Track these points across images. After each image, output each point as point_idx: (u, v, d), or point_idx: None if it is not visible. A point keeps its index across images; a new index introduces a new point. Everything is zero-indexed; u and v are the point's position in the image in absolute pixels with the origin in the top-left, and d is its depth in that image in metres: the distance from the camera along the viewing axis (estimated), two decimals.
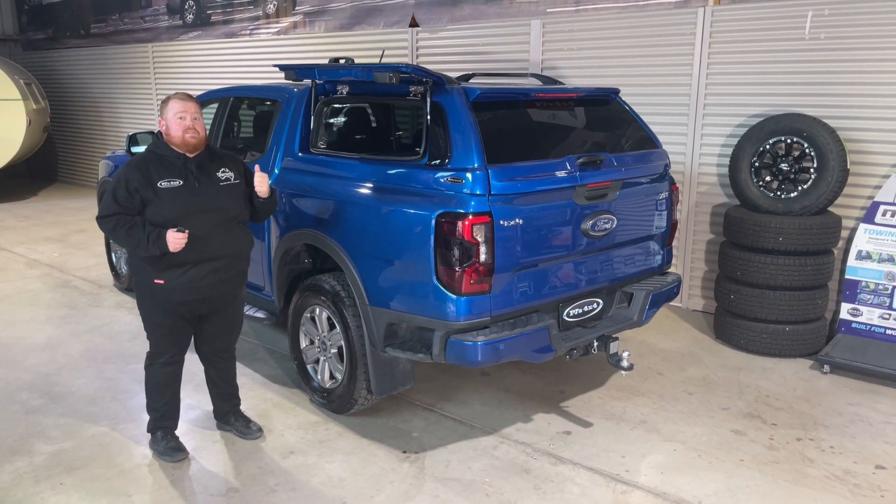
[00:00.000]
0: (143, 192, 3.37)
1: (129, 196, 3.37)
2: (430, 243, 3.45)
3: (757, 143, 5.20)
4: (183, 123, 3.43)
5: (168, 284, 3.48)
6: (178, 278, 3.47)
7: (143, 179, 3.38)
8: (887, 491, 3.50)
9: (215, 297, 3.65)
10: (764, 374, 4.83)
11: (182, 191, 3.43)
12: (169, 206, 3.40)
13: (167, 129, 3.46)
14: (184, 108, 3.45)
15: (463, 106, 3.59)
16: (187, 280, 3.49)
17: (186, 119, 3.44)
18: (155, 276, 3.47)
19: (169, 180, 3.42)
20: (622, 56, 6.22)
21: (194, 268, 3.49)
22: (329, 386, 4.22)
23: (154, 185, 3.39)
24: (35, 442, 3.91)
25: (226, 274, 3.62)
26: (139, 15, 11.27)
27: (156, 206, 3.40)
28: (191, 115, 3.45)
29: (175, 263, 3.45)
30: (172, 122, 3.44)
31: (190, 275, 3.48)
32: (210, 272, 3.53)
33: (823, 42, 5.25)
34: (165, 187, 3.41)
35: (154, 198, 3.39)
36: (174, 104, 3.47)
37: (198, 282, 3.51)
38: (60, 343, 5.35)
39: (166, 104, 3.48)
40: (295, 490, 3.48)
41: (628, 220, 4.10)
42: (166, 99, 3.51)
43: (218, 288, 3.61)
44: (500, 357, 3.58)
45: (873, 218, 5.04)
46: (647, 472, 3.65)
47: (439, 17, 7.49)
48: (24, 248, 8.32)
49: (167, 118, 3.46)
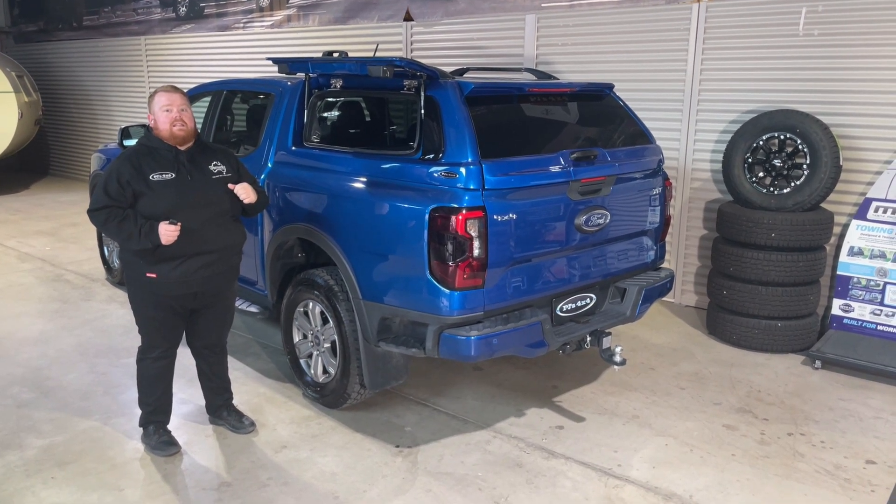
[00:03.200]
0: (135, 185, 3.36)
1: (120, 189, 3.35)
2: (423, 238, 3.45)
3: (750, 139, 5.21)
4: (170, 116, 3.41)
5: (160, 278, 3.46)
6: (170, 272, 3.46)
7: (135, 172, 3.37)
8: (878, 486, 3.52)
9: (207, 292, 3.63)
10: (756, 370, 4.85)
11: (174, 184, 3.42)
12: (161, 199, 3.38)
13: (155, 123, 3.46)
14: (169, 100, 3.44)
15: (457, 100, 3.59)
16: (180, 274, 3.47)
17: (173, 111, 3.42)
18: (147, 270, 3.46)
19: (161, 173, 3.40)
20: (617, 51, 6.22)
21: (187, 261, 3.47)
22: (322, 380, 4.22)
23: (146, 178, 3.37)
24: (26, 436, 3.90)
25: (218, 268, 3.60)
26: (132, 7, 11.19)
27: (148, 199, 3.38)
28: (177, 107, 3.43)
29: (168, 257, 3.43)
30: (159, 115, 3.43)
31: (182, 268, 3.47)
32: (202, 266, 3.52)
33: (817, 38, 5.26)
34: (157, 180, 3.39)
35: (146, 191, 3.37)
36: (160, 97, 3.46)
37: (190, 275, 3.50)
38: (52, 337, 5.32)
39: (153, 98, 3.47)
40: (287, 484, 3.48)
41: (622, 215, 4.10)
42: (153, 93, 3.51)
43: (210, 282, 3.60)
44: (494, 352, 3.58)
45: (865, 214, 5.07)
46: (639, 466, 3.66)
47: (434, 11, 7.47)
48: (15, 241, 8.27)
49: (154, 112, 3.45)
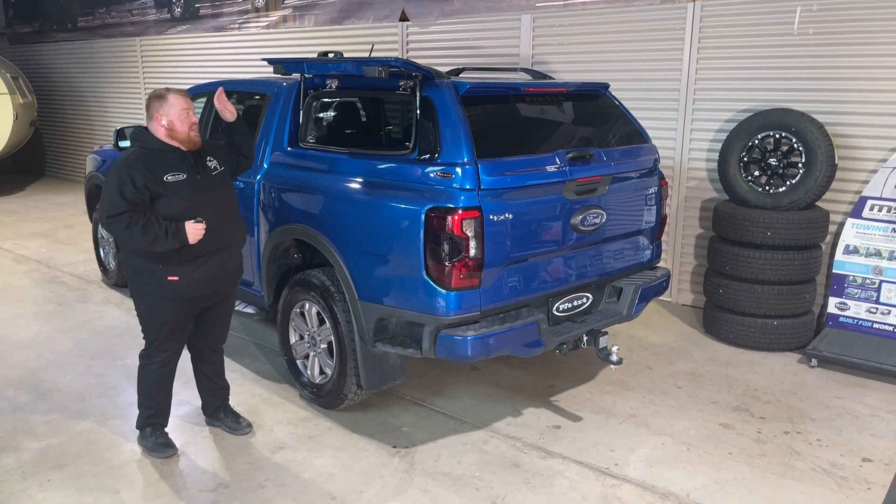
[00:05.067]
0: (152, 187, 3.33)
1: (137, 193, 3.30)
2: (419, 238, 3.45)
3: (746, 139, 5.22)
4: (189, 120, 3.42)
5: (183, 280, 3.46)
6: (193, 272, 3.47)
7: (150, 175, 3.33)
8: (874, 483, 3.53)
9: (223, 288, 3.69)
10: (752, 368, 4.86)
11: (188, 183, 3.43)
12: (179, 199, 3.39)
13: (171, 125, 3.39)
14: (186, 104, 3.45)
15: (452, 100, 3.59)
16: (203, 273, 3.49)
17: (191, 115, 3.44)
18: (168, 274, 3.43)
19: (174, 174, 3.40)
20: (612, 51, 6.23)
21: (209, 260, 3.50)
22: (319, 381, 4.21)
23: (161, 180, 3.36)
24: (22, 438, 3.88)
25: (233, 264, 3.68)
26: (127, 8, 11.17)
27: (167, 200, 3.37)
28: (192, 111, 3.47)
29: (189, 258, 3.44)
30: (178, 117, 3.39)
31: (205, 268, 3.50)
32: (222, 263, 3.58)
33: (812, 37, 5.27)
34: (172, 181, 3.38)
35: (164, 192, 3.36)
36: (178, 100, 3.41)
37: (213, 274, 3.54)
38: (48, 339, 5.31)
39: (165, 100, 3.41)
40: (285, 485, 3.48)
41: (618, 214, 4.10)
42: (160, 94, 3.44)
43: (228, 279, 3.68)
44: (490, 352, 3.58)
45: (861, 213, 5.08)
46: (636, 465, 3.67)
47: (429, 11, 7.47)
48: (11, 243, 8.25)
49: (171, 115, 3.39)
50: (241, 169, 3.86)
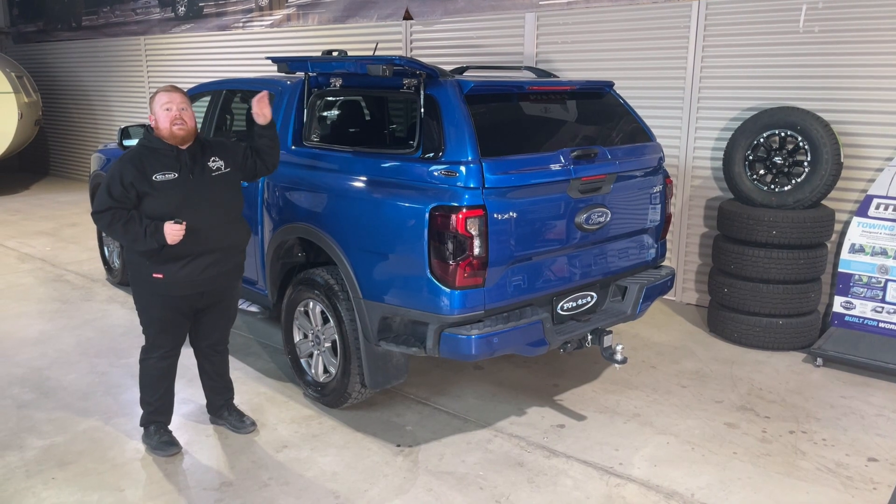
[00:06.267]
0: (138, 186, 3.35)
1: (124, 191, 3.34)
2: (423, 237, 3.44)
3: (751, 137, 5.20)
4: (170, 115, 3.40)
5: (167, 278, 3.46)
6: (177, 272, 3.46)
7: (138, 173, 3.36)
8: (879, 483, 3.51)
9: (213, 291, 3.64)
10: (757, 368, 4.84)
11: (177, 183, 3.42)
12: (165, 199, 3.39)
13: (156, 123, 3.45)
14: (169, 99, 3.43)
15: (456, 99, 3.58)
16: (187, 273, 3.48)
17: (173, 110, 3.41)
18: (154, 271, 3.45)
19: (163, 173, 3.40)
20: (616, 49, 6.21)
21: (193, 261, 3.48)
22: (323, 380, 4.21)
23: (149, 179, 3.37)
24: (26, 436, 3.89)
25: (224, 267, 3.61)
26: (131, 7, 11.18)
27: (153, 199, 3.38)
28: (177, 106, 3.42)
29: (174, 257, 3.43)
30: (160, 114, 3.42)
31: (189, 268, 3.47)
32: (209, 265, 3.53)
33: (817, 35, 5.25)
34: (161, 180, 3.39)
35: (150, 191, 3.37)
36: (160, 96, 3.46)
37: (197, 275, 3.50)
38: (52, 337, 5.32)
39: (154, 98, 3.48)
40: (288, 484, 3.48)
41: (622, 213, 4.09)
42: (154, 93, 3.51)
43: (216, 281, 3.61)
44: (494, 351, 3.57)
45: (866, 211, 5.06)
46: (641, 464, 3.66)
47: (433, 9, 7.46)
48: (15, 242, 8.27)
49: (155, 111, 3.44)
50: (258, 174, 3.78)
